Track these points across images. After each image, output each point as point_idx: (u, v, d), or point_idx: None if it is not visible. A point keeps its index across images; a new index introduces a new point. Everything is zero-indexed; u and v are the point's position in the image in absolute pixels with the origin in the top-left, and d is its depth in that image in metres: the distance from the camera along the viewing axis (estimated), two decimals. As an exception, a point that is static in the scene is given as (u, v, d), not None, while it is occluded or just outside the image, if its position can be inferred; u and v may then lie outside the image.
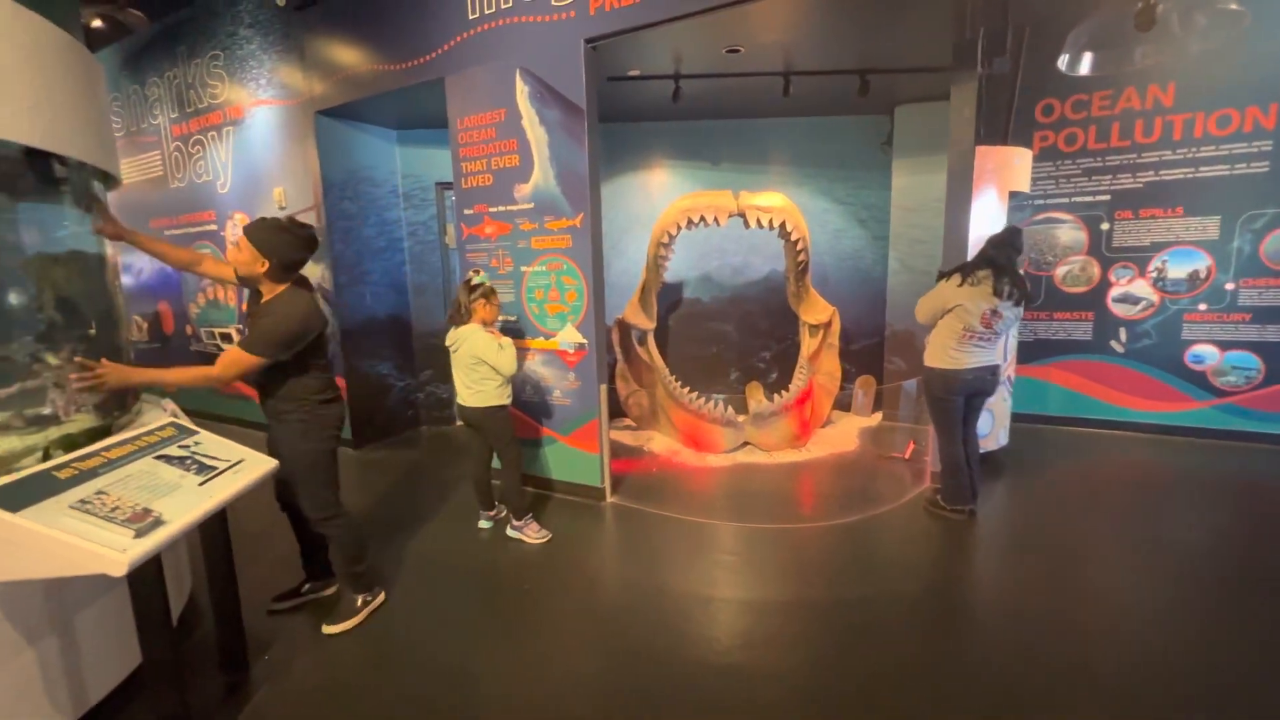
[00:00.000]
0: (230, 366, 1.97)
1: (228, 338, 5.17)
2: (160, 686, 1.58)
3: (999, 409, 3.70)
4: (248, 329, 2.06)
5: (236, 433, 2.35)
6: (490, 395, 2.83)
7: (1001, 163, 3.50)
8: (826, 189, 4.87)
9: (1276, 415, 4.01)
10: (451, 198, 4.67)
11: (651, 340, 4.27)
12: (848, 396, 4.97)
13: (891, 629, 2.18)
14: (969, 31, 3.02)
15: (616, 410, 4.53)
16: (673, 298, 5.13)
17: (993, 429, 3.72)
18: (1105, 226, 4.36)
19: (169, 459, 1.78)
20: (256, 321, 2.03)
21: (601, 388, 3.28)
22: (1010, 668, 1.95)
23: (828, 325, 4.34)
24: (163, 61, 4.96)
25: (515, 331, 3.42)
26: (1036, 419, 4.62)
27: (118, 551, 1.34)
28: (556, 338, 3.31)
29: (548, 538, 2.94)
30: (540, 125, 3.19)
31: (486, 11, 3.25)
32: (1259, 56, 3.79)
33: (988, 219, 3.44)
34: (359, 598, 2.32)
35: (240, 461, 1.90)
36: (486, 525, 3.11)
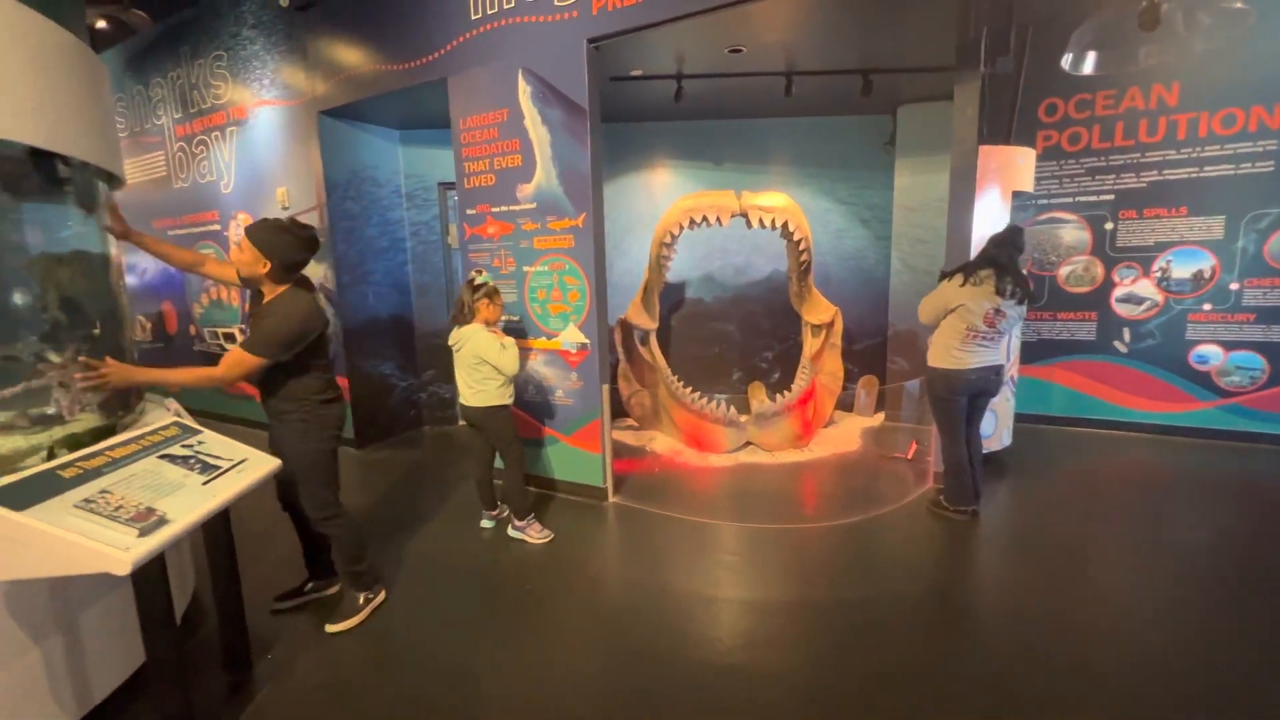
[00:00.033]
0: (233, 368, 1.98)
1: (231, 337, 5.18)
2: (164, 685, 1.58)
3: (1002, 409, 3.69)
4: (249, 330, 2.07)
5: (240, 432, 2.35)
6: (492, 395, 2.83)
7: (1005, 162, 3.50)
8: (829, 189, 4.87)
9: (1281, 416, 4.00)
10: (454, 198, 4.68)
11: (654, 340, 4.27)
12: (850, 397, 4.96)
13: (894, 629, 2.17)
14: (972, 31, 3.01)
15: (619, 410, 4.53)
16: (675, 298, 5.13)
17: (996, 429, 3.71)
18: (1109, 226, 4.35)
19: (173, 458, 1.78)
20: (258, 322, 2.04)
21: (604, 388, 3.28)
22: (1012, 668, 1.95)
23: (830, 325, 4.33)
24: (166, 62, 4.98)
25: (518, 331, 3.42)
26: (1039, 419, 4.61)
27: (121, 550, 1.34)
28: (559, 338, 3.32)
29: (550, 538, 2.94)
30: (543, 125, 3.20)
31: (489, 11, 3.25)
32: (1263, 56, 3.78)
33: (991, 219, 3.44)
34: (361, 596, 2.33)
35: (243, 461, 1.91)
36: (489, 525, 3.12)
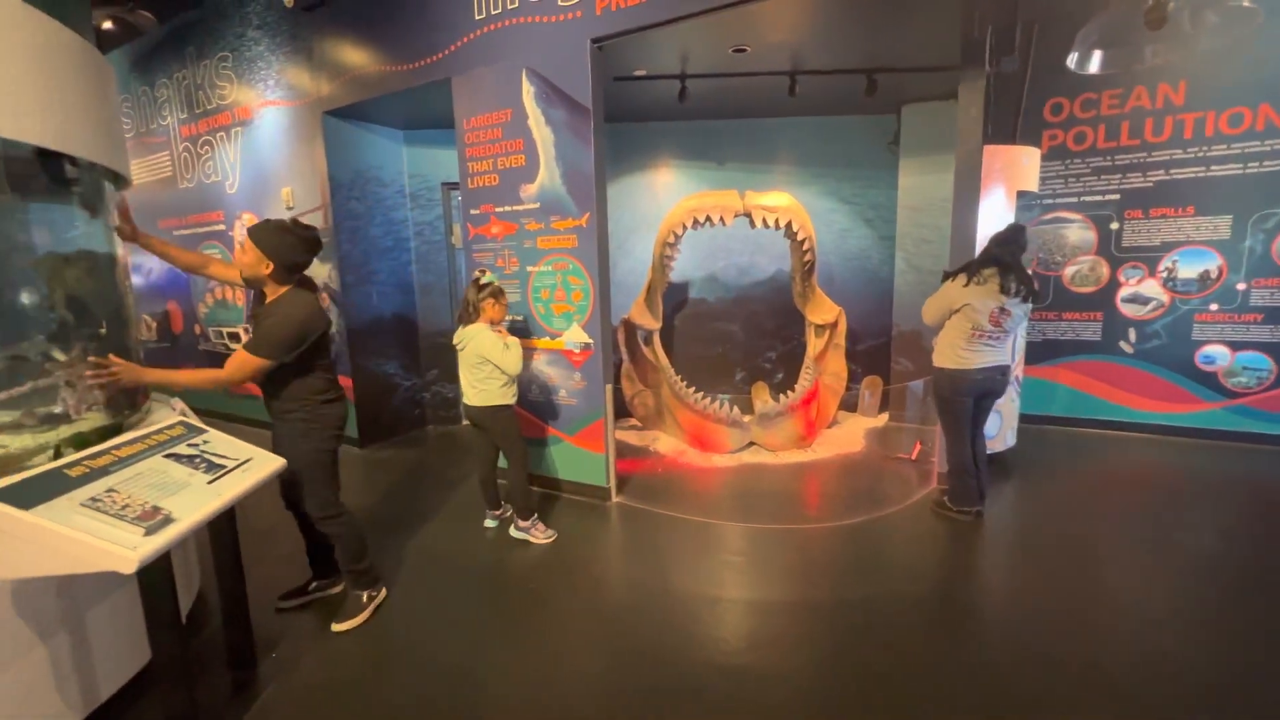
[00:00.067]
0: (237, 369, 1.99)
1: (235, 337, 5.20)
2: (169, 683, 1.59)
3: (1007, 410, 3.68)
4: (252, 330, 2.08)
5: (244, 431, 2.36)
6: (494, 394, 2.83)
7: (1009, 162, 3.48)
8: (833, 188, 4.86)
9: (1288, 417, 3.97)
10: (458, 198, 4.69)
11: (657, 340, 4.26)
12: (854, 397, 4.95)
13: (897, 630, 2.17)
14: (977, 30, 3.00)
15: (622, 410, 4.54)
16: (678, 298, 5.13)
17: (1000, 430, 3.70)
18: (1115, 226, 4.33)
19: (178, 457, 1.79)
20: (260, 323, 2.05)
21: (607, 388, 3.28)
22: (1016, 669, 1.94)
23: (834, 325, 4.32)
24: (172, 63, 5.00)
25: (522, 331, 3.42)
26: (1044, 420, 4.59)
27: (128, 549, 1.35)
28: (562, 337, 3.32)
29: (554, 537, 2.94)
30: (546, 125, 3.20)
31: (493, 12, 3.26)
32: (1271, 54, 3.76)
33: (995, 219, 3.42)
34: (364, 595, 2.33)
35: (248, 460, 1.92)
36: (492, 525, 3.12)
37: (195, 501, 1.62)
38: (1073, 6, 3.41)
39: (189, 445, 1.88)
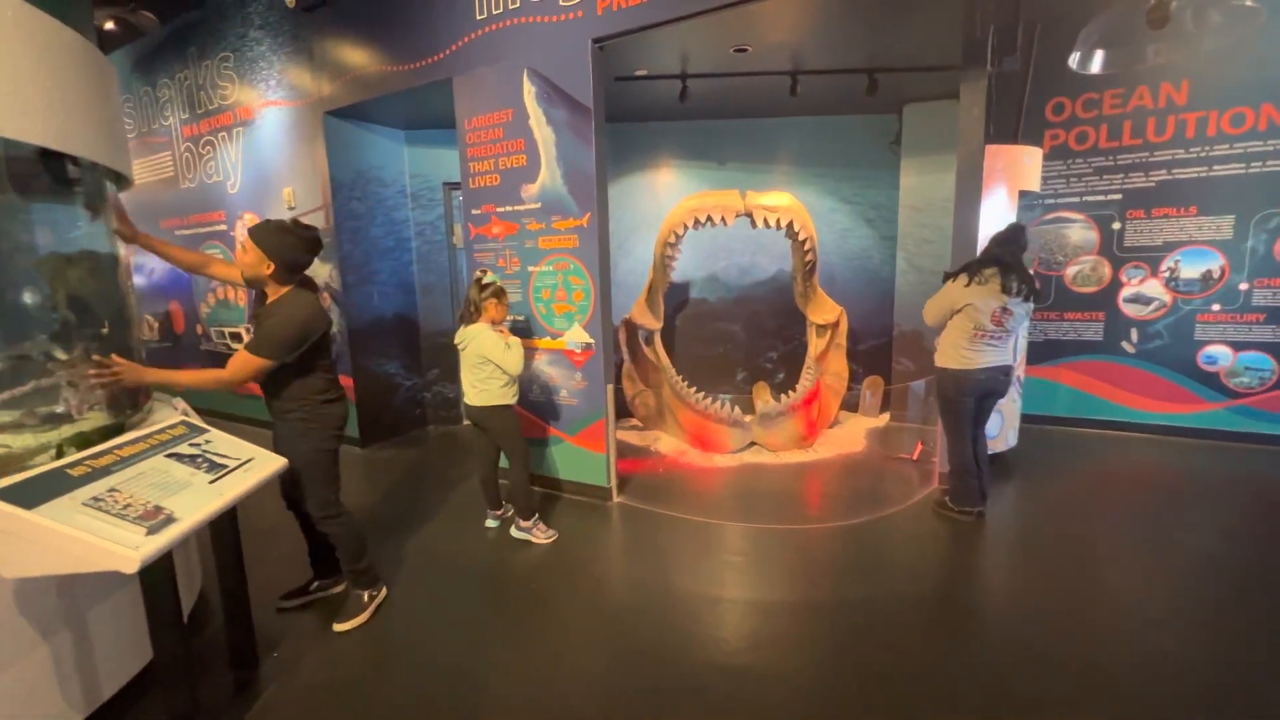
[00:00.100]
0: (239, 370, 1.99)
1: (237, 337, 5.21)
2: (171, 683, 1.59)
3: (1008, 410, 3.67)
4: (253, 331, 2.08)
5: (246, 431, 2.36)
6: (494, 394, 2.83)
7: (1011, 161, 3.48)
8: (834, 188, 4.85)
9: (1291, 417, 3.96)
10: (459, 198, 4.69)
11: (658, 340, 4.26)
12: (855, 397, 4.95)
13: (898, 630, 2.16)
14: (979, 30, 3.00)
15: (623, 410, 4.54)
16: (679, 298, 5.13)
17: (1002, 430, 3.69)
18: (1117, 226, 4.32)
19: (180, 457, 1.79)
20: (261, 324, 2.05)
21: (608, 388, 3.29)
22: (1018, 669, 1.94)
23: (835, 325, 4.32)
24: (174, 63, 5.00)
25: (523, 331, 3.42)
26: (1046, 420, 4.58)
27: (130, 549, 1.35)
28: (563, 337, 3.32)
29: (555, 538, 2.94)
30: (547, 125, 3.20)
31: (494, 12, 3.26)
32: (1274, 54, 3.75)
33: (997, 219, 3.41)
34: (365, 594, 2.34)
35: (250, 460, 1.92)
36: (493, 525, 3.12)
37: (197, 501, 1.62)
38: (1075, 6, 3.40)
39: (191, 445, 1.88)
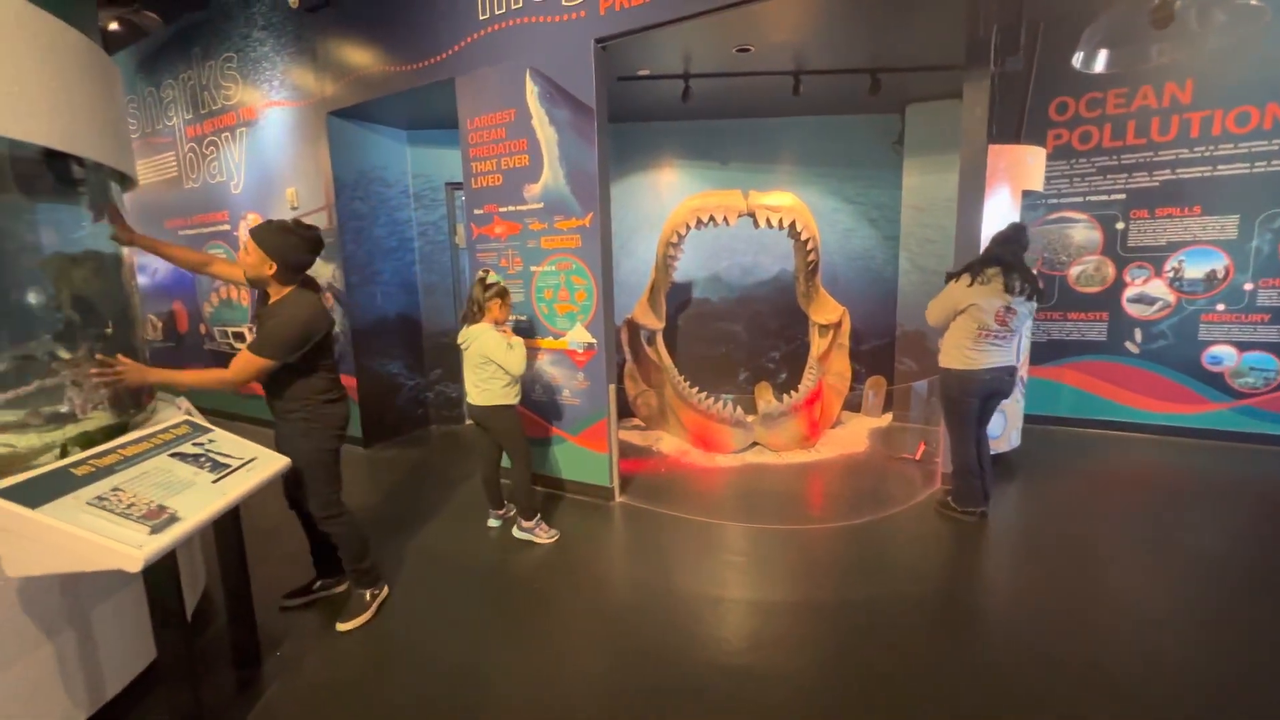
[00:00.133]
0: (242, 370, 2.00)
1: (240, 337, 5.22)
2: (175, 681, 1.60)
3: (1011, 410, 3.66)
4: (255, 331, 2.08)
5: (249, 430, 2.37)
6: (496, 394, 2.83)
7: (1014, 161, 3.47)
8: (836, 188, 4.85)
9: (1296, 418, 3.95)
10: (461, 198, 4.70)
11: (660, 340, 4.26)
12: (858, 397, 4.94)
13: (901, 631, 2.16)
14: (982, 29, 2.99)
15: (625, 410, 4.53)
16: (682, 297, 5.13)
17: (1005, 430, 3.68)
18: (1120, 226, 4.30)
19: (183, 456, 1.80)
20: (263, 324, 2.05)
21: (610, 387, 3.29)
22: (1020, 670, 1.93)
23: (837, 325, 4.31)
24: (178, 63, 5.02)
25: (525, 331, 3.42)
26: (1049, 420, 4.57)
27: (134, 547, 1.35)
28: (566, 337, 3.32)
29: (556, 537, 2.94)
30: (550, 125, 3.20)
31: (497, 12, 3.26)
32: (1279, 53, 3.73)
33: (1000, 218, 3.40)
34: (367, 593, 2.34)
35: (253, 459, 1.92)
36: (495, 524, 3.12)
37: (200, 500, 1.62)
38: (1078, 5, 3.38)
39: (194, 444, 1.88)
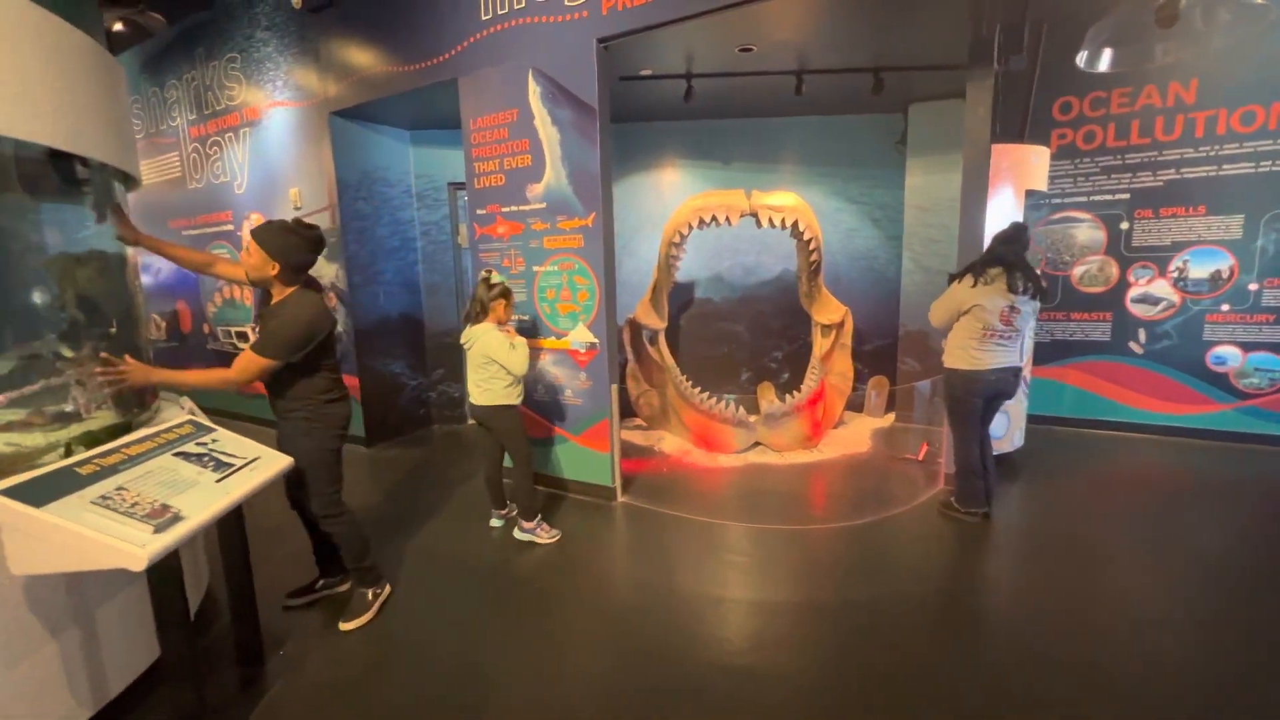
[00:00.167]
0: (244, 370, 2.00)
1: (244, 336, 5.24)
2: (178, 680, 1.60)
3: (1015, 410, 3.65)
4: (258, 331, 2.09)
5: (252, 430, 2.37)
6: (499, 394, 2.83)
7: (1018, 161, 3.46)
8: (839, 188, 4.84)
9: (1301, 418, 3.93)
10: (464, 198, 4.70)
11: (663, 340, 4.26)
12: (860, 397, 4.93)
13: (903, 632, 2.16)
14: (985, 28, 2.98)
15: (627, 410, 4.53)
16: (684, 297, 5.13)
17: (1008, 430, 3.68)
18: (1124, 226, 4.29)
19: (187, 456, 1.80)
20: (265, 324, 2.06)
21: (613, 387, 3.29)
22: (1023, 671, 1.92)
23: (840, 325, 4.31)
24: (181, 64, 5.04)
25: (528, 331, 3.43)
26: (1052, 420, 4.56)
27: (137, 546, 1.36)
28: (568, 337, 3.32)
29: (558, 537, 2.94)
30: (552, 125, 3.20)
31: (499, 12, 3.26)
32: (1285, 52, 3.72)
33: (1004, 218, 3.39)
34: (369, 592, 2.35)
35: (256, 459, 1.93)
36: (498, 524, 3.13)
37: (204, 500, 1.63)
38: (1082, 4, 3.37)
39: (197, 444, 1.89)
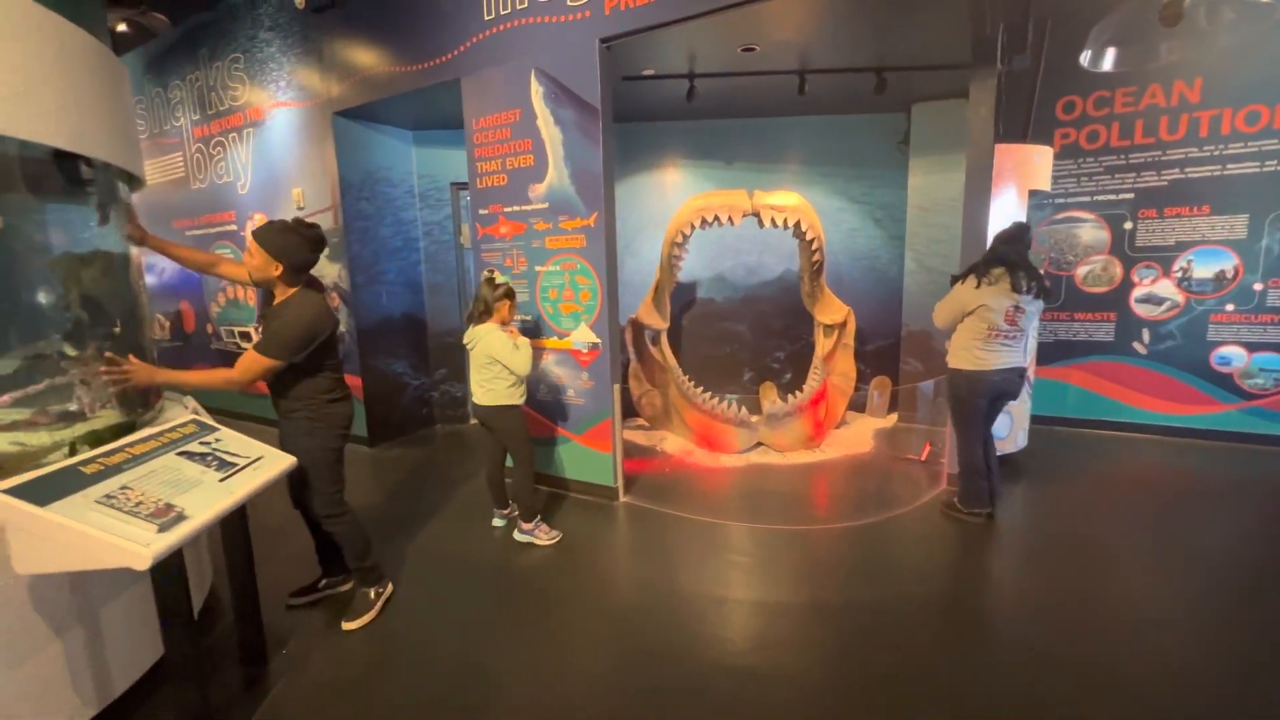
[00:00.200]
0: (247, 369, 2.01)
1: (247, 336, 5.25)
2: (182, 679, 1.61)
3: (1018, 411, 3.64)
4: (260, 331, 2.10)
5: (255, 429, 2.38)
6: (501, 394, 2.83)
7: (1021, 161, 3.45)
8: (842, 188, 4.83)
9: (1306, 419, 3.91)
10: (467, 198, 4.71)
11: (665, 340, 4.26)
12: (863, 397, 4.92)
13: (905, 632, 2.15)
14: (988, 28, 2.97)
15: (629, 410, 4.53)
16: (686, 297, 5.12)
17: (1012, 431, 3.67)
18: (1128, 225, 4.28)
19: (191, 455, 1.81)
20: (268, 324, 2.06)
21: (615, 387, 3.29)
22: (1026, 672, 1.92)
23: (842, 325, 4.30)
24: (185, 64, 5.05)
25: (530, 331, 3.43)
26: (1056, 421, 4.55)
27: (141, 546, 1.36)
28: (570, 337, 3.32)
29: (558, 538, 2.94)
30: (555, 125, 3.20)
31: (502, 12, 3.27)
32: (1290, 51, 3.70)
33: (1007, 218, 3.39)
34: (372, 591, 2.35)
35: (259, 458, 1.93)
36: (500, 524, 3.13)
37: (207, 499, 1.63)
38: (1086, 3, 3.37)
39: (201, 443, 1.89)
